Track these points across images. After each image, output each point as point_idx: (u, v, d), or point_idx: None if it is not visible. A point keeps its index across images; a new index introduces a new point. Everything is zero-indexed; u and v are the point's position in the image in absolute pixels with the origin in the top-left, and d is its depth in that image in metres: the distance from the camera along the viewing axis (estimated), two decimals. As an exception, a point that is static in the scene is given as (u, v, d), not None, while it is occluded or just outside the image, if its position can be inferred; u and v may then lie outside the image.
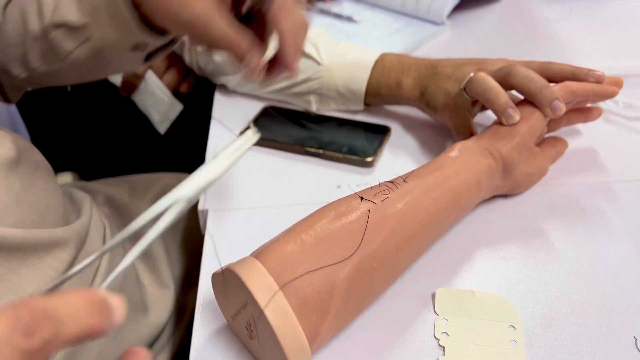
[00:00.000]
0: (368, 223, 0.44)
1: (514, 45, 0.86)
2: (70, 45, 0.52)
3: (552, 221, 0.55)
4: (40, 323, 0.21)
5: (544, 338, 0.45)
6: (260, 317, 0.39)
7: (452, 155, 0.52)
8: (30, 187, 0.49)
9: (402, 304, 0.48)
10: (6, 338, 0.20)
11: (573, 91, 0.55)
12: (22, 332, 0.20)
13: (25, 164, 0.50)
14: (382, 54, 0.69)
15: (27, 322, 0.20)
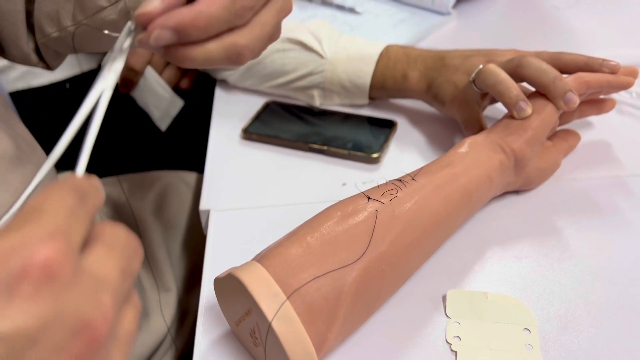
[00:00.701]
0: (376, 224, 0.42)
1: (522, 35, 0.84)
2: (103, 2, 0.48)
3: (566, 218, 0.53)
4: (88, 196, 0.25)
5: (560, 341, 0.43)
6: (265, 325, 0.37)
7: (462, 151, 0.50)
8: None
9: (412, 307, 0.46)
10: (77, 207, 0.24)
11: (587, 82, 0.53)
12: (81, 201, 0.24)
13: (28, 163, 0.48)
14: (387, 46, 0.67)
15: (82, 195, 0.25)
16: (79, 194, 0.25)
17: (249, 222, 0.57)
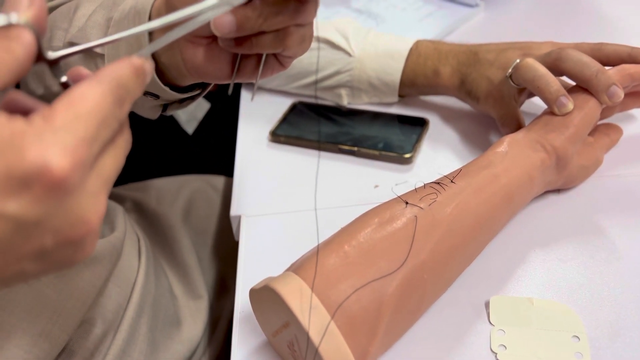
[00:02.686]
0: (416, 230, 0.41)
1: (555, 25, 0.81)
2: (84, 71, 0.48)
3: (611, 216, 0.51)
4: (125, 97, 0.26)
5: (612, 349, 0.41)
6: (305, 340, 0.36)
7: (501, 151, 0.48)
8: None
9: (454, 315, 0.45)
10: (112, 110, 0.25)
11: (631, 75, 0.50)
12: (119, 105, 0.26)
13: None
14: (417, 42, 0.65)
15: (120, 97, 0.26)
16: (120, 94, 0.26)
17: (280, 227, 0.56)
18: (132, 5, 0.46)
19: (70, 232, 0.24)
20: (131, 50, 0.46)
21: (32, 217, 0.23)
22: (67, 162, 0.23)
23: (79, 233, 0.25)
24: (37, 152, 0.22)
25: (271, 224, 0.56)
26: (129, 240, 0.55)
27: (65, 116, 0.24)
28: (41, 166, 0.22)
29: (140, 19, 0.44)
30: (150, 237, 0.64)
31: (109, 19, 0.47)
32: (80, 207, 0.25)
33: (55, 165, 0.22)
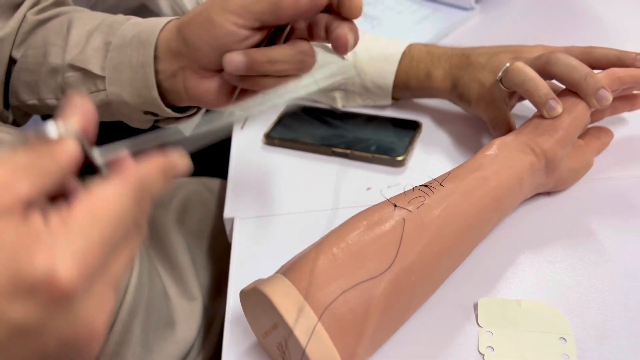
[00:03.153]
0: (404, 233, 0.41)
1: (549, 29, 0.81)
2: (83, 89, 0.51)
3: (601, 219, 0.51)
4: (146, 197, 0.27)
5: (599, 351, 0.41)
6: (293, 341, 0.36)
7: (491, 154, 0.49)
8: None
9: (442, 316, 0.45)
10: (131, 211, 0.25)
11: (620, 78, 0.51)
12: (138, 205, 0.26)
13: None
14: (410, 45, 0.66)
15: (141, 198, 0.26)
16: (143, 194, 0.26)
17: (273, 229, 0.56)
18: (135, 35, 0.48)
19: (74, 338, 0.24)
20: (134, 76, 0.48)
21: (35, 323, 0.23)
22: (75, 271, 0.22)
23: (84, 339, 0.24)
24: (47, 259, 0.22)
25: (264, 226, 0.56)
26: None
27: (82, 220, 0.24)
28: (48, 274, 0.22)
29: (144, 49, 0.47)
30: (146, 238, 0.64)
31: (107, 43, 0.49)
32: (86, 312, 0.24)
33: (62, 274, 0.22)
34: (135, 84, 0.48)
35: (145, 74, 0.47)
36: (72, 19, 0.53)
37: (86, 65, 0.50)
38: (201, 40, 0.43)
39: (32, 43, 0.54)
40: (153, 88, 0.47)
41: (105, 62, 0.49)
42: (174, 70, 0.47)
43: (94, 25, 0.52)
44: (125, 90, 0.49)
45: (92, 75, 0.50)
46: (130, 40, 0.48)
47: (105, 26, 0.51)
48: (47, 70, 0.52)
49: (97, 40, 0.50)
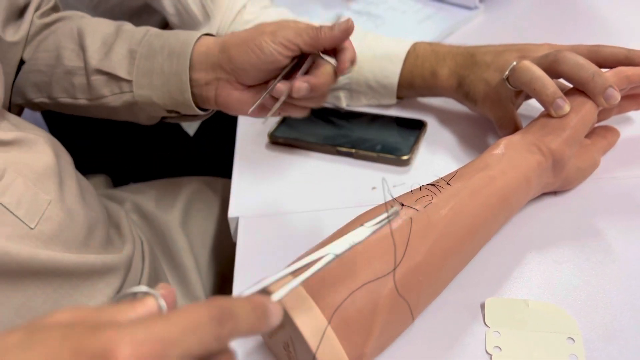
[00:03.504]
0: (411, 232, 0.41)
1: (554, 28, 0.81)
2: (106, 91, 0.56)
3: (608, 219, 0.51)
4: (227, 318, 0.26)
5: (607, 351, 0.41)
6: (300, 341, 0.36)
7: (498, 153, 0.48)
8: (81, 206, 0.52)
9: (449, 316, 0.45)
10: (206, 325, 0.25)
11: (628, 77, 0.50)
12: (216, 322, 0.26)
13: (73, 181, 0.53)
14: (414, 44, 0.65)
15: (219, 316, 0.26)
16: (223, 316, 0.26)
17: (278, 228, 0.56)
18: (163, 45, 0.54)
19: None
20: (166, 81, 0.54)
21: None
22: (128, 352, 0.23)
23: None
24: (110, 335, 0.23)
25: (269, 226, 0.56)
26: (136, 244, 0.56)
27: (153, 317, 0.25)
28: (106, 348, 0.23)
29: (179, 59, 0.53)
30: (149, 238, 0.64)
31: (132, 51, 0.55)
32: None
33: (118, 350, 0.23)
34: (167, 87, 0.54)
35: (180, 80, 0.53)
36: (81, 26, 0.57)
37: (113, 70, 0.55)
38: (249, 63, 0.50)
39: (42, 47, 0.58)
40: (187, 92, 0.53)
41: (132, 68, 0.55)
42: (209, 80, 0.53)
43: (108, 33, 0.57)
44: (156, 93, 0.54)
45: (118, 79, 0.55)
46: (159, 51, 0.54)
47: (127, 36, 0.56)
48: (62, 71, 0.57)
49: (122, 49, 0.55)
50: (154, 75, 0.54)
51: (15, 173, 0.46)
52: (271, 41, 0.49)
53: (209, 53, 0.53)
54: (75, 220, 0.50)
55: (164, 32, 0.56)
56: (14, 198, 0.45)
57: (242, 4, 0.72)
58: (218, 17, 0.72)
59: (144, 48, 0.55)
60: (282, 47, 0.49)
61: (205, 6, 0.72)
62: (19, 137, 0.48)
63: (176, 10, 0.74)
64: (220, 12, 0.72)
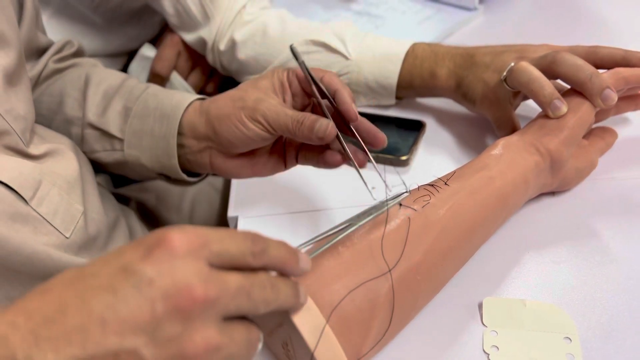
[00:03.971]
0: (409, 232, 0.41)
1: (553, 29, 0.81)
2: (99, 147, 0.55)
3: (605, 219, 0.51)
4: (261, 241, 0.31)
5: (603, 350, 0.41)
6: (299, 340, 0.36)
7: (496, 153, 0.49)
8: None
9: (447, 316, 0.45)
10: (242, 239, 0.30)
11: (625, 78, 0.51)
12: (250, 240, 0.31)
13: None
14: (413, 44, 0.66)
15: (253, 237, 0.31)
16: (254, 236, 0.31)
17: (277, 228, 0.56)
18: (156, 107, 0.53)
19: None
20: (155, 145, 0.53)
21: None
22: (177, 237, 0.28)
23: None
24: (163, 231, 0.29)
25: (269, 225, 0.56)
26: None
27: None
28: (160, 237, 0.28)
29: (168, 122, 0.52)
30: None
31: (128, 109, 0.54)
32: None
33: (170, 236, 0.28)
34: (155, 151, 0.53)
35: (167, 145, 0.52)
36: (88, 75, 0.57)
37: (106, 127, 0.54)
38: (233, 136, 0.49)
39: (48, 91, 0.58)
40: (174, 157, 0.52)
41: (125, 126, 0.54)
42: (200, 148, 0.52)
43: (111, 86, 0.56)
44: (144, 155, 0.54)
45: (110, 136, 0.55)
46: (152, 111, 0.53)
47: (126, 92, 0.55)
48: (62, 119, 0.56)
49: (118, 105, 0.55)
50: (144, 136, 0.53)
51: (50, 184, 0.47)
52: (251, 119, 0.47)
53: (195, 122, 0.51)
54: (98, 228, 0.51)
55: (161, 91, 0.55)
56: (51, 208, 0.46)
57: (241, 4, 0.72)
58: (217, 18, 0.72)
59: (139, 107, 0.54)
60: (264, 126, 0.47)
61: (204, 7, 0.72)
62: (50, 149, 0.49)
63: (176, 11, 0.74)
64: (219, 13, 0.72)
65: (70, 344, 0.26)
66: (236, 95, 0.49)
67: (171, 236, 0.28)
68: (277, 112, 0.46)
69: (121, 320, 0.26)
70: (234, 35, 0.72)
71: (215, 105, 0.50)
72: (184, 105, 0.52)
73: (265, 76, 0.49)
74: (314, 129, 0.45)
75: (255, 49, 0.71)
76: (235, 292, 0.29)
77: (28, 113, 0.48)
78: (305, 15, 0.75)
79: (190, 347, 0.27)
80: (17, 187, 0.44)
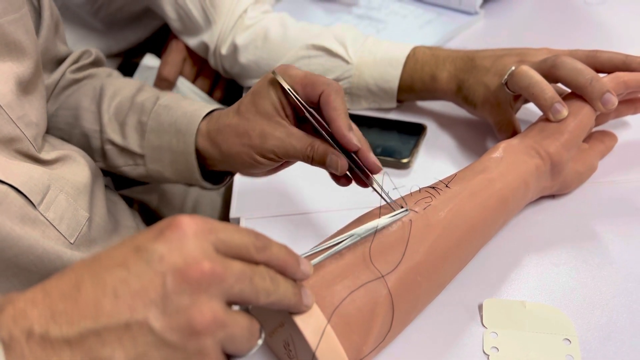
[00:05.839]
0: (410, 234, 0.42)
1: (553, 33, 0.82)
2: (121, 162, 0.56)
3: (605, 222, 0.52)
4: (264, 239, 0.33)
5: (602, 352, 0.42)
6: (300, 340, 0.36)
7: (497, 156, 0.49)
8: None
9: (448, 317, 0.45)
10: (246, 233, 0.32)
11: (625, 82, 0.51)
12: (254, 236, 0.32)
13: None
14: (414, 48, 0.66)
15: (257, 234, 0.32)
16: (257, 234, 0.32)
17: (279, 229, 0.56)
18: (171, 123, 0.53)
19: None
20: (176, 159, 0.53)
21: None
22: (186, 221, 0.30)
23: None
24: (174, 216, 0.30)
25: (270, 227, 0.57)
26: None
27: None
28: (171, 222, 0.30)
29: (185, 139, 0.52)
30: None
31: (142, 123, 0.55)
32: None
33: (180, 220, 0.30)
34: (177, 166, 0.54)
35: (186, 161, 0.53)
36: (102, 87, 0.58)
37: (125, 145, 0.55)
38: (249, 168, 0.50)
39: (65, 104, 0.59)
40: (195, 172, 0.53)
41: (143, 142, 0.55)
42: (220, 160, 0.52)
43: (125, 97, 0.57)
44: (167, 170, 0.55)
45: (131, 153, 0.55)
46: (168, 127, 0.53)
47: (138, 106, 0.56)
48: (80, 132, 0.58)
49: (133, 120, 0.55)
50: (163, 151, 0.54)
51: (58, 189, 0.47)
52: (261, 156, 0.48)
53: (209, 150, 0.52)
54: (101, 234, 0.52)
55: (172, 101, 0.55)
56: (58, 214, 0.47)
57: (242, 9, 0.73)
58: (219, 22, 0.73)
59: (153, 121, 0.54)
60: (274, 160, 0.48)
61: (206, 11, 0.72)
62: (61, 155, 0.50)
63: (178, 15, 0.75)
64: (221, 17, 0.73)
65: (84, 317, 0.27)
66: (240, 129, 0.48)
67: (181, 220, 0.30)
68: (285, 148, 0.46)
69: (133, 293, 0.28)
70: (235, 40, 0.72)
71: (222, 139, 0.50)
72: (196, 121, 0.52)
73: (262, 94, 0.47)
74: (325, 163, 0.45)
75: (257, 54, 0.71)
76: (239, 275, 0.30)
77: (41, 120, 0.49)
78: (307, 19, 0.76)
79: (198, 318, 0.28)
80: (27, 191, 0.44)
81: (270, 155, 0.47)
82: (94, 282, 0.28)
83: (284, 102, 0.47)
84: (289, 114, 0.48)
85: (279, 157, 0.47)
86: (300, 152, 0.46)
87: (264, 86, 0.47)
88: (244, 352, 0.31)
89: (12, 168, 0.44)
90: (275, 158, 0.48)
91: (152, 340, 0.27)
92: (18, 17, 0.46)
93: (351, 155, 0.45)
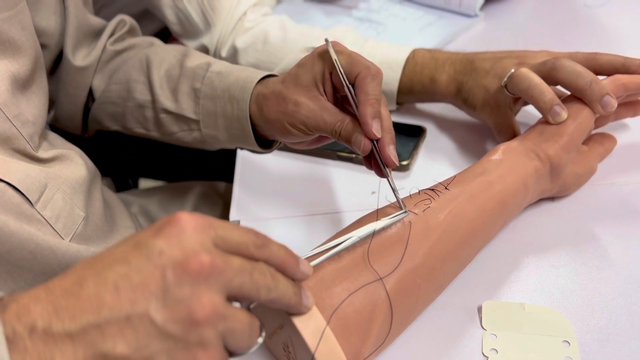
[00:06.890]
0: (410, 236, 0.42)
1: (553, 35, 0.82)
2: (176, 128, 0.57)
3: (604, 224, 0.52)
4: (263, 238, 0.33)
5: (602, 354, 0.42)
6: (299, 341, 0.36)
7: (496, 158, 0.49)
8: None
9: (447, 319, 0.45)
10: (246, 232, 0.32)
11: (624, 85, 0.51)
12: (254, 234, 0.33)
13: None
14: (414, 50, 0.66)
15: (256, 233, 0.33)
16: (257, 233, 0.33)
17: (278, 231, 0.56)
18: (225, 89, 0.54)
19: None
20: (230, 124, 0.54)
21: None
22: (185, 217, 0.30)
23: None
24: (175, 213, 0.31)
25: (269, 229, 0.57)
26: None
27: None
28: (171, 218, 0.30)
29: (239, 106, 0.53)
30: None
31: (196, 90, 0.56)
32: None
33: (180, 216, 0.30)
34: (232, 131, 0.55)
35: (241, 126, 0.53)
36: (148, 57, 0.59)
37: (180, 111, 0.57)
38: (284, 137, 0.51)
39: (114, 79, 0.60)
40: (250, 137, 0.54)
41: (198, 107, 0.56)
42: None
43: (172, 65, 0.58)
44: (222, 134, 0.56)
45: (186, 119, 0.57)
46: (221, 94, 0.54)
47: (189, 72, 0.56)
48: (134, 105, 0.59)
49: (185, 86, 0.56)
50: (218, 117, 0.55)
51: (55, 188, 0.48)
52: (292, 126, 0.49)
53: (258, 116, 0.52)
54: (97, 234, 0.52)
55: (224, 70, 0.55)
56: (54, 212, 0.47)
57: (242, 11, 0.73)
58: (219, 25, 0.73)
59: (206, 87, 0.55)
60: (304, 133, 0.49)
61: (206, 14, 0.73)
62: (58, 154, 0.50)
63: (177, 19, 0.75)
64: (220, 20, 0.73)
65: (86, 311, 0.28)
66: (280, 96, 0.49)
67: (180, 216, 0.30)
68: (315, 120, 0.47)
69: (133, 286, 0.28)
70: (235, 43, 0.72)
71: (265, 105, 0.51)
72: (250, 88, 0.52)
73: (306, 67, 0.48)
74: (351, 141, 0.45)
75: (257, 56, 0.71)
76: (238, 269, 0.30)
77: (38, 118, 0.49)
78: (307, 22, 0.76)
79: (198, 309, 0.28)
80: (24, 189, 0.44)
81: (300, 126, 0.48)
82: (96, 278, 0.28)
83: (326, 77, 0.47)
84: (327, 91, 0.48)
85: (308, 130, 0.48)
86: (330, 125, 0.46)
87: (311, 59, 0.48)
88: (245, 348, 0.31)
89: (10, 166, 0.44)
90: (305, 130, 0.48)
91: (154, 332, 0.28)
92: (13, 14, 0.46)
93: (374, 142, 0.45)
